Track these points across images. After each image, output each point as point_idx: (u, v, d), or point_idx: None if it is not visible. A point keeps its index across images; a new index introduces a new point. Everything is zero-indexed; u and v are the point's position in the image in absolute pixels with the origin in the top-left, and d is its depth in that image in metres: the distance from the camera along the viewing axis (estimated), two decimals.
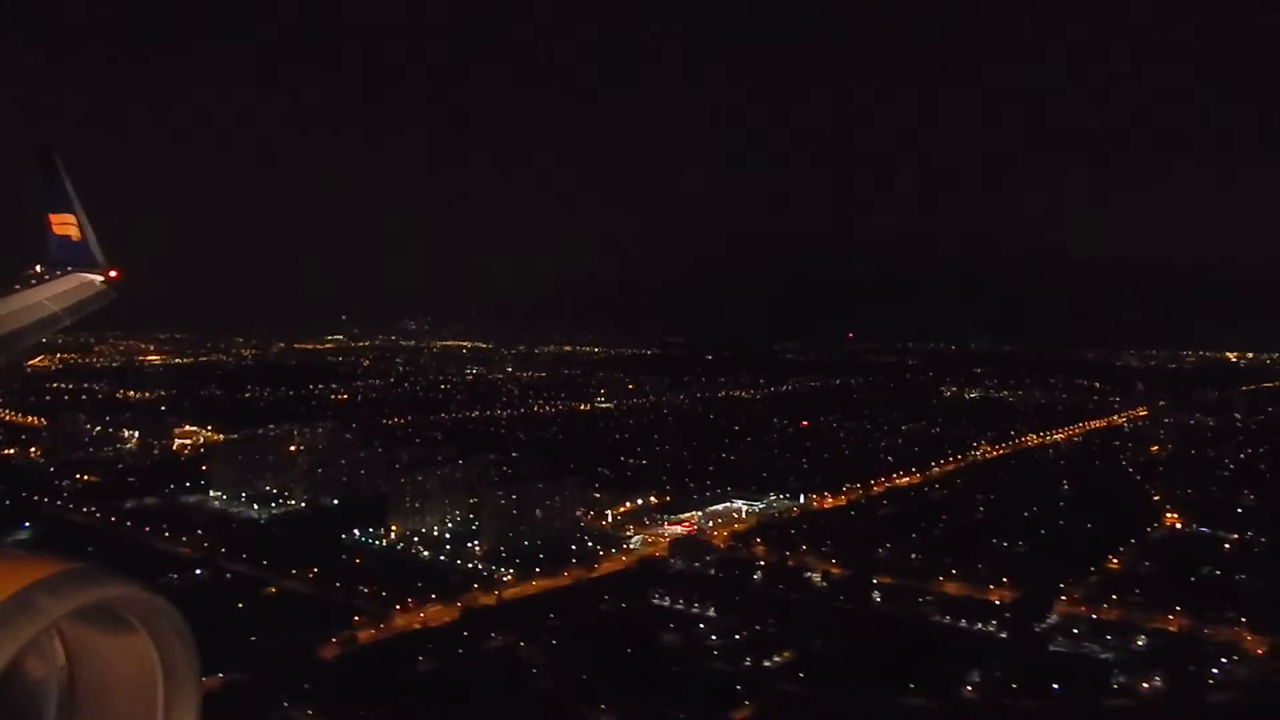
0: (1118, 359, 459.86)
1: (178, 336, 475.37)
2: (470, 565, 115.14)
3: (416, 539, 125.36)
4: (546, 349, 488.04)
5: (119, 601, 3.10)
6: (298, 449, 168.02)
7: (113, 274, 15.16)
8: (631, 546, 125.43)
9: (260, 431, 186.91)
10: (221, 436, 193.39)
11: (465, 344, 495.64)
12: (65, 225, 15.40)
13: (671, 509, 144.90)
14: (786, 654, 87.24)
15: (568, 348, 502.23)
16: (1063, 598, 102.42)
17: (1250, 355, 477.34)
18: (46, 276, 14.05)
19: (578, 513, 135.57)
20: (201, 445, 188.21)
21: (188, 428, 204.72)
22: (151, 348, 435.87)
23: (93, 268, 15.00)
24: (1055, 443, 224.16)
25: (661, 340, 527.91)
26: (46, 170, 15.39)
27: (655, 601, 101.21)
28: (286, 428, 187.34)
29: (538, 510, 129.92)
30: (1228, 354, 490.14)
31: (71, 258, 15.07)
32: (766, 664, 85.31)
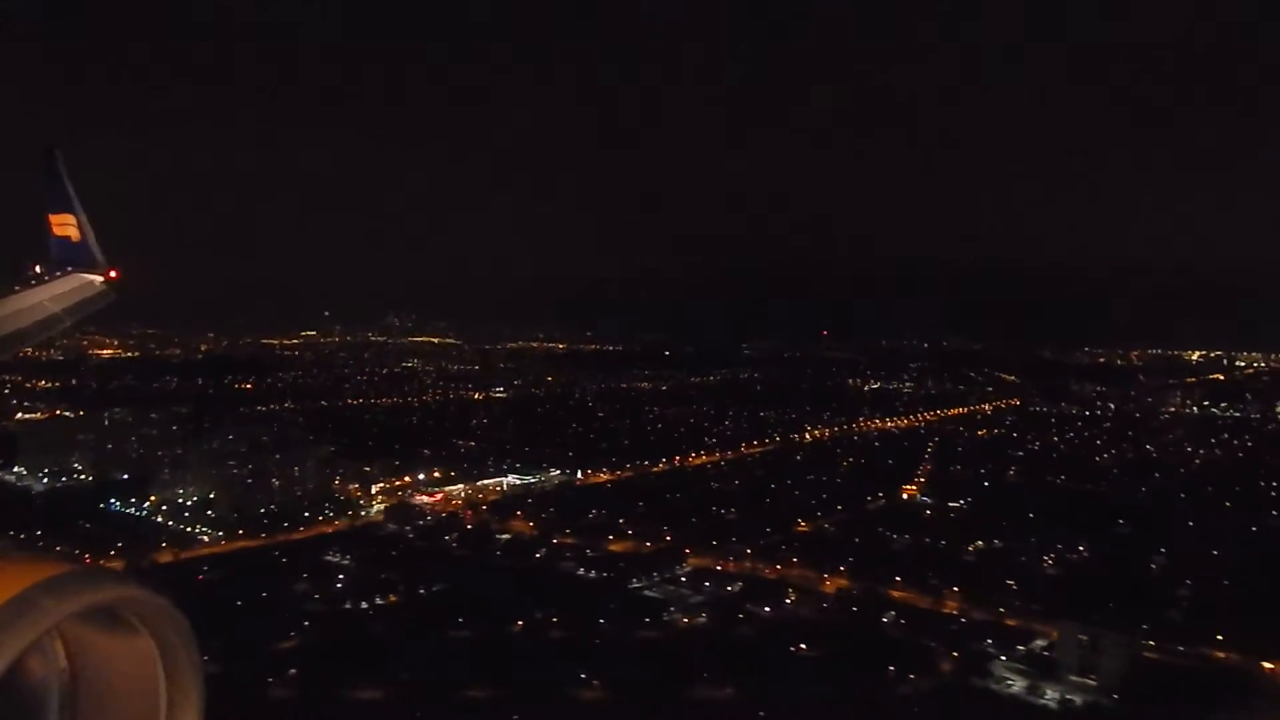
0: (1070, 357, 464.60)
1: (149, 331, 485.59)
2: (189, 529, 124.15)
3: (165, 506, 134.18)
4: (514, 345, 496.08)
5: (121, 603, 3.02)
6: (118, 429, 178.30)
7: (113, 274, 15.10)
8: (363, 514, 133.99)
9: (105, 414, 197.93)
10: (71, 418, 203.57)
11: (435, 340, 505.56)
12: (65, 225, 15.30)
13: (444, 483, 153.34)
14: (392, 598, 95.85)
15: (534, 344, 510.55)
16: (689, 551, 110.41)
17: (1216, 354, 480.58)
18: (46, 277, 14.05)
19: (333, 484, 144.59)
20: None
21: (59, 412, 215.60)
22: (115, 341, 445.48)
23: (93, 268, 15.01)
24: (891, 427, 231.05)
25: (639, 338, 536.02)
26: (48, 169, 15.31)
27: (326, 558, 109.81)
28: (130, 411, 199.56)
29: (286, 482, 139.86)
30: (1187, 352, 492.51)
31: (71, 258, 15.06)
32: (364, 605, 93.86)
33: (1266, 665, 76.76)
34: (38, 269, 14.27)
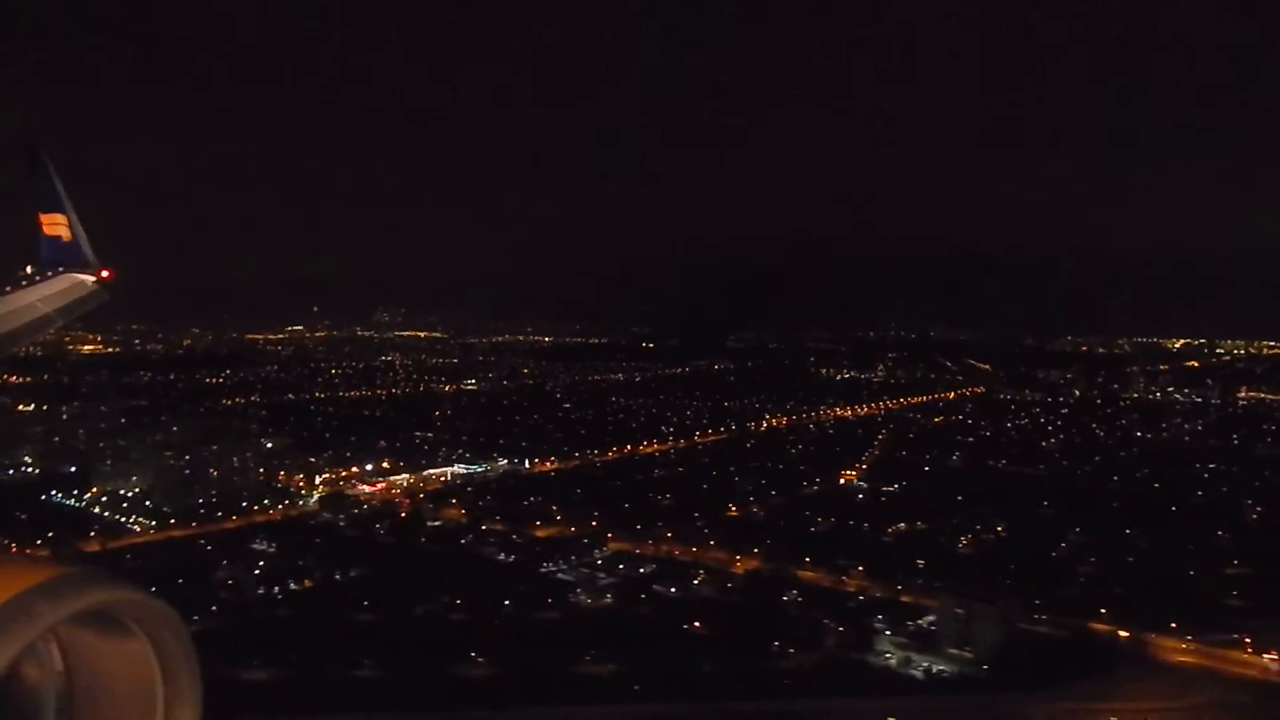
0: (1054, 345, 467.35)
1: (134, 327, 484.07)
2: (123, 519, 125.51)
3: (104, 498, 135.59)
4: (500, 339, 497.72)
5: (117, 606, 3.05)
6: (74, 423, 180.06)
7: (105, 274, 15.13)
8: (300, 504, 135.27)
9: (64, 409, 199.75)
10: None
11: (422, 334, 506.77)
12: (56, 225, 15.31)
13: (391, 473, 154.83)
14: (307, 583, 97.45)
15: (520, 338, 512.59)
16: (611, 535, 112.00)
17: (1199, 341, 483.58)
18: (38, 277, 14.06)
19: (277, 474, 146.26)
20: None
21: (20, 406, 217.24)
22: (97, 337, 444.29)
23: (84, 268, 14.99)
24: (850, 415, 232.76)
25: (626, 331, 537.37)
26: (36, 170, 15.33)
27: (252, 546, 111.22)
28: (93, 405, 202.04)
29: (227, 472, 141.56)
30: (1170, 340, 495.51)
31: (63, 258, 15.03)
32: (276, 590, 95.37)
33: (1124, 633, 78.92)
34: (29, 269, 14.50)
